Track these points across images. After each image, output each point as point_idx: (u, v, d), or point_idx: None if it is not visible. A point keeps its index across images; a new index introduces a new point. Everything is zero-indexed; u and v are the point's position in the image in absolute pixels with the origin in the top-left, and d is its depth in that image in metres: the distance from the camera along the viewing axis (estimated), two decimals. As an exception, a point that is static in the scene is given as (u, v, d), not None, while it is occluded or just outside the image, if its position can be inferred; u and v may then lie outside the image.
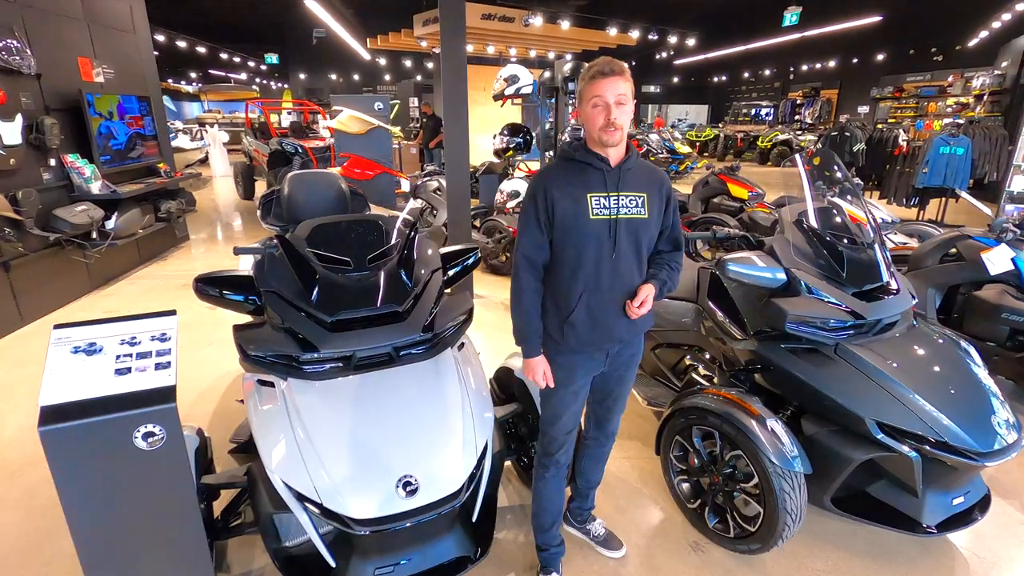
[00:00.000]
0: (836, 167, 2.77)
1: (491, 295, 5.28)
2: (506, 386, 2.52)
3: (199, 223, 8.36)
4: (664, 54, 23.89)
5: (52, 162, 4.77)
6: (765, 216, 5.96)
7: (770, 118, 24.95)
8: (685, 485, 2.34)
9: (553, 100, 6.30)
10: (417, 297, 2.01)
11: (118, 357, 1.43)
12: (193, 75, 28.31)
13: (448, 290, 2.31)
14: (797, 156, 2.58)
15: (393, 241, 2.19)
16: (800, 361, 2.12)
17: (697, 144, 19.25)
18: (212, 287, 2.02)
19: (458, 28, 4.46)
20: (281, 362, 1.81)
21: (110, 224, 5.19)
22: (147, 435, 1.38)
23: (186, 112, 25.35)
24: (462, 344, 2.17)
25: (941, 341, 2.22)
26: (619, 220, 1.66)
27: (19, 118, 4.31)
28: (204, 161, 14.46)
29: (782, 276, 2.20)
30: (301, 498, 1.61)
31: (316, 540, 1.64)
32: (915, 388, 1.94)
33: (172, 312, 1.56)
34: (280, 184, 2.94)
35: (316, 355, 1.79)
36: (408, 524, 1.61)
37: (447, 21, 4.43)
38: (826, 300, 2.13)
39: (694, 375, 2.76)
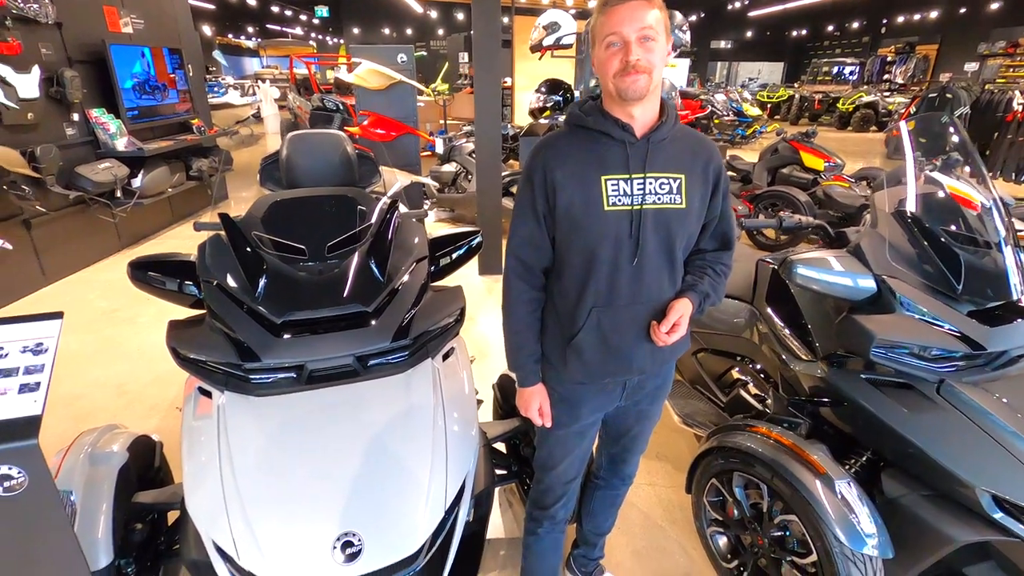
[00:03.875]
0: (952, 128, 2.11)
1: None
2: (511, 395, 2.12)
3: (243, 181, 8.22)
4: (736, 4, 21.83)
5: (75, 117, 4.63)
6: (843, 191, 5.18)
7: (855, 77, 22.59)
8: (721, 539, 1.89)
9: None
10: (392, 294, 1.62)
11: (-27, 375, 1.12)
12: (251, 30, 28.48)
13: (438, 282, 1.91)
14: (902, 123, 1.97)
15: (370, 222, 1.79)
16: (887, 400, 1.60)
17: (768, 106, 17.67)
18: (148, 273, 1.70)
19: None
20: (220, 370, 1.49)
21: (136, 182, 5.07)
22: (1, 479, 1.07)
23: (246, 67, 25.59)
24: (451, 350, 1.78)
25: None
26: (644, 212, 1.18)
27: (36, 70, 4.13)
28: (258, 117, 14.45)
29: (870, 285, 1.66)
30: (220, 550, 1.30)
31: None
32: (1054, 452, 1.40)
33: (57, 315, 1.23)
34: (280, 145, 2.62)
35: (259, 364, 1.45)
36: (348, 594, 1.26)
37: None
38: (930, 321, 1.59)
39: (742, 392, 2.27)
